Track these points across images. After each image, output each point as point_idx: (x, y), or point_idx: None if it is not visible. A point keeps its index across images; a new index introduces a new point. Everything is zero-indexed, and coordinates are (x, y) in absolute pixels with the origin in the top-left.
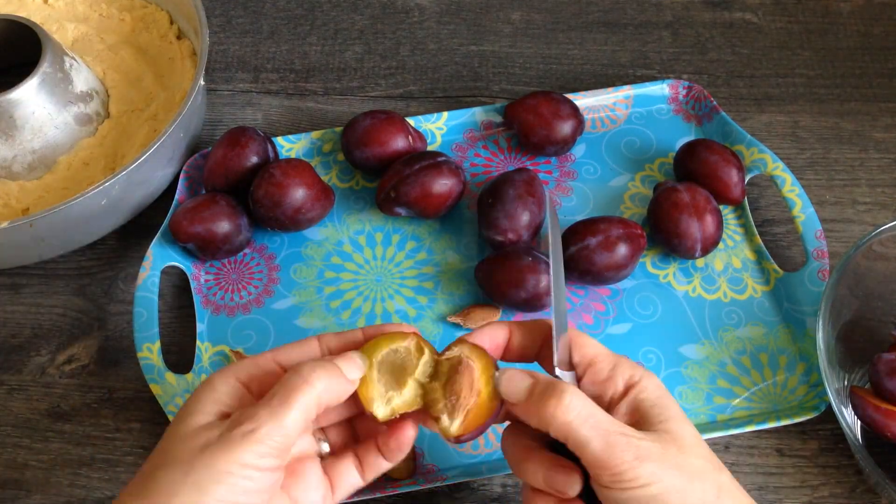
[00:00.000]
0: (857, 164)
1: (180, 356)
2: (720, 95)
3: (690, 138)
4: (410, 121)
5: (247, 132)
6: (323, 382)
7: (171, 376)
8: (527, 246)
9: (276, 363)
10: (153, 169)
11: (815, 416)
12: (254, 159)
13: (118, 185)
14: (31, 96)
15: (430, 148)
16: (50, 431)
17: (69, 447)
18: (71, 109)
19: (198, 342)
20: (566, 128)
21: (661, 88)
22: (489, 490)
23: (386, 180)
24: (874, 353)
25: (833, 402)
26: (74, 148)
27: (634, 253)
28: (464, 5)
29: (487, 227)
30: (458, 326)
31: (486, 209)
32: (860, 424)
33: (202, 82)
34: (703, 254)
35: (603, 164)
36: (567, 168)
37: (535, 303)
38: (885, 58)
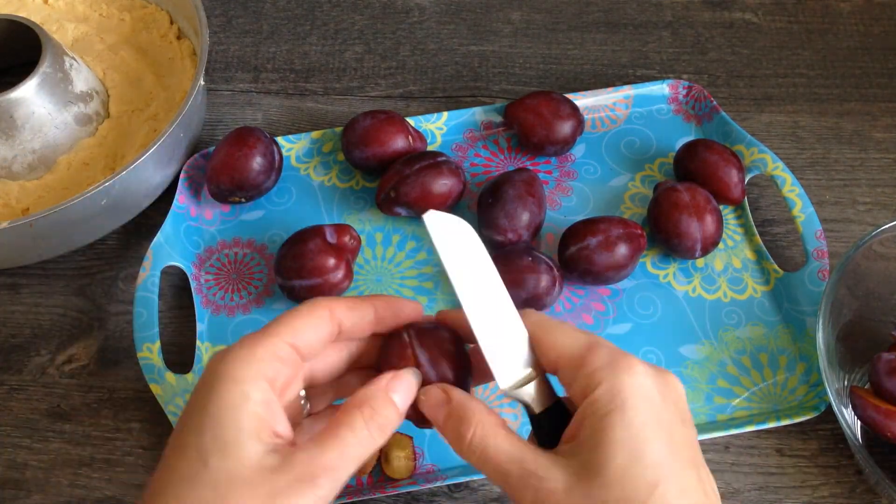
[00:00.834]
0: (857, 164)
1: (180, 356)
2: (720, 95)
3: (690, 138)
4: (410, 121)
5: (253, 132)
6: (391, 433)
7: (171, 376)
8: (527, 246)
9: (294, 348)
10: (153, 169)
11: (815, 416)
12: (259, 160)
13: (118, 185)
14: (30, 96)
15: (430, 148)
16: (50, 431)
17: (69, 447)
18: (71, 109)
19: (198, 342)
20: (566, 128)
21: (661, 88)
22: (489, 490)
23: (386, 180)
24: (874, 353)
25: (833, 402)
26: (74, 148)
27: (634, 253)
28: (464, 5)
29: (487, 227)
30: None
31: (486, 209)
32: (860, 424)
33: (202, 82)
34: (703, 254)
35: (603, 164)
36: (567, 168)
37: (534, 303)
38: (885, 58)
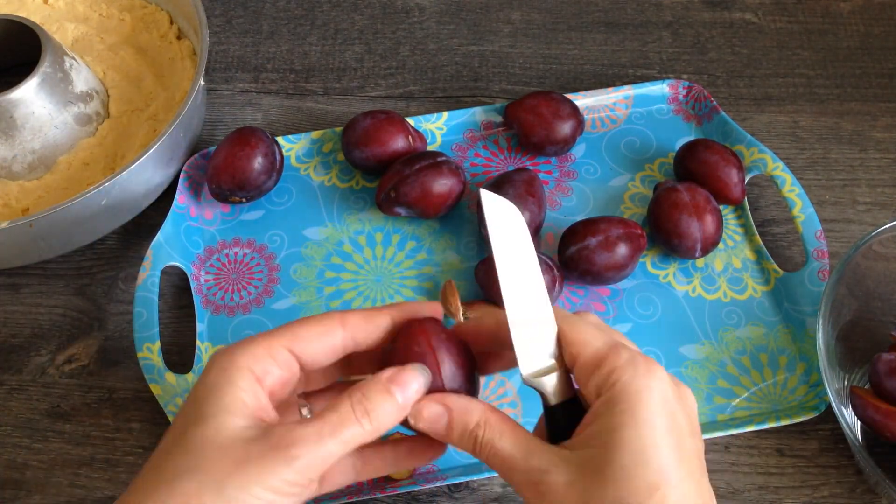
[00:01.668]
0: (857, 164)
1: (180, 356)
2: (720, 95)
3: (690, 138)
4: (410, 121)
5: (255, 133)
6: (384, 425)
7: (171, 376)
8: None
9: (293, 354)
10: (153, 169)
11: (815, 416)
12: (260, 160)
13: (118, 185)
14: (30, 96)
15: (430, 148)
16: (50, 431)
17: (69, 447)
18: (71, 109)
19: (198, 342)
20: (566, 128)
21: (661, 88)
22: (489, 490)
23: (386, 180)
24: (874, 353)
25: (833, 402)
26: (74, 148)
27: (634, 253)
28: (464, 5)
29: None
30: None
31: None
32: (860, 424)
33: (202, 82)
34: (703, 254)
35: (603, 164)
36: (567, 168)
37: None
38: (885, 58)
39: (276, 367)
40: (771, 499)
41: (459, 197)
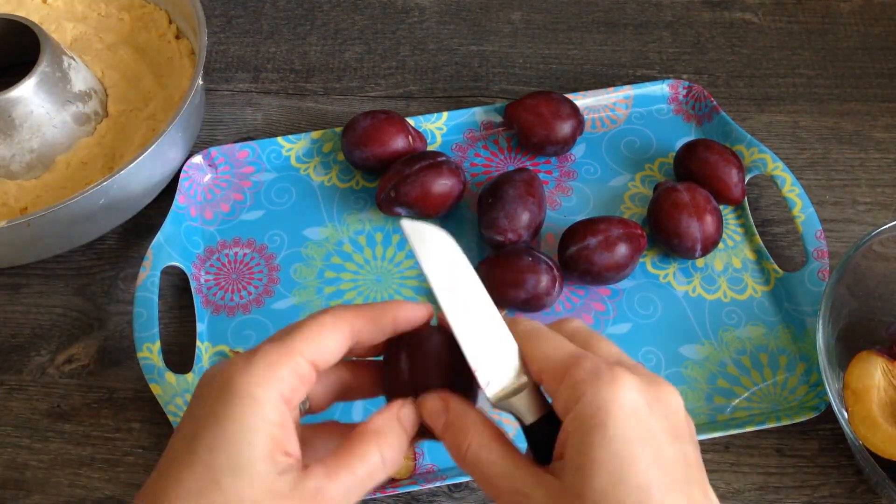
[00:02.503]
0: (857, 164)
1: (180, 356)
2: (720, 95)
3: (690, 138)
4: (410, 121)
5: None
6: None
7: (171, 376)
8: (527, 246)
9: (312, 364)
10: (152, 168)
11: (815, 416)
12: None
13: (116, 184)
14: (29, 95)
15: (430, 148)
16: (50, 431)
17: (69, 447)
18: (69, 109)
19: (198, 342)
20: (566, 128)
21: (661, 88)
22: None
23: (386, 180)
24: None
25: (833, 402)
26: (73, 147)
27: (634, 253)
28: (464, 5)
29: (487, 227)
30: None
31: (486, 209)
32: None
33: (201, 82)
34: (703, 254)
35: (603, 164)
36: (567, 168)
37: (535, 303)
38: (885, 58)
39: (302, 384)
40: (771, 499)
41: (460, 196)
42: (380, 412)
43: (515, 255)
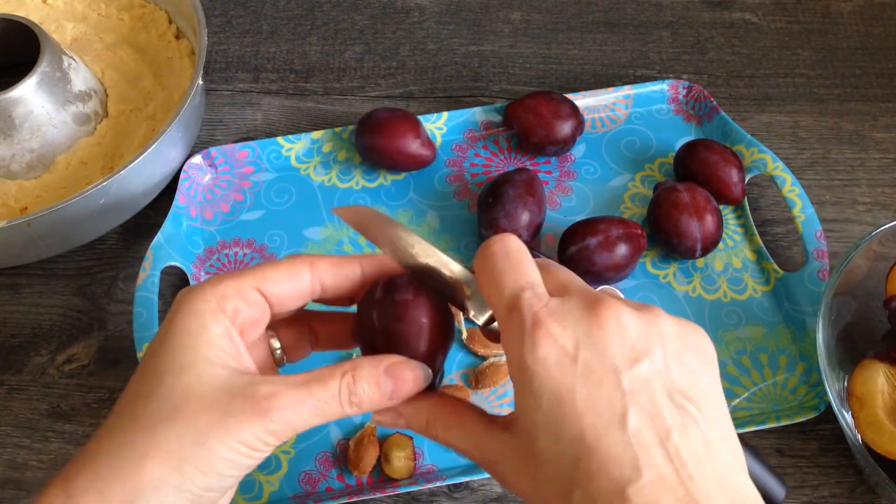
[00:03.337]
0: (857, 164)
1: None
2: (720, 95)
3: (690, 138)
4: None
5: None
6: (366, 411)
7: None
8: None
9: (261, 293)
10: (151, 168)
11: (815, 416)
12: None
13: (116, 184)
14: (29, 95)
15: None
16: (50, 431)
17: (69, 447)
18: (69, 109)
19: None
20: (566, 128)
21: (661, 88)
22: (489, 490)
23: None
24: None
25: (833, 403)
26: (73, 147)
27: (634, 253)
28: (464, 5)
29: (487, 227)
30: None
31: (486, 209)
32: None
33: (200, 82)
34: (703, 254)
35: (603, 164)
36: (567, 168)
37: None
38: (885, 58)
39: (247, 306)
40: None
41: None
42: (372, 357)
43: None
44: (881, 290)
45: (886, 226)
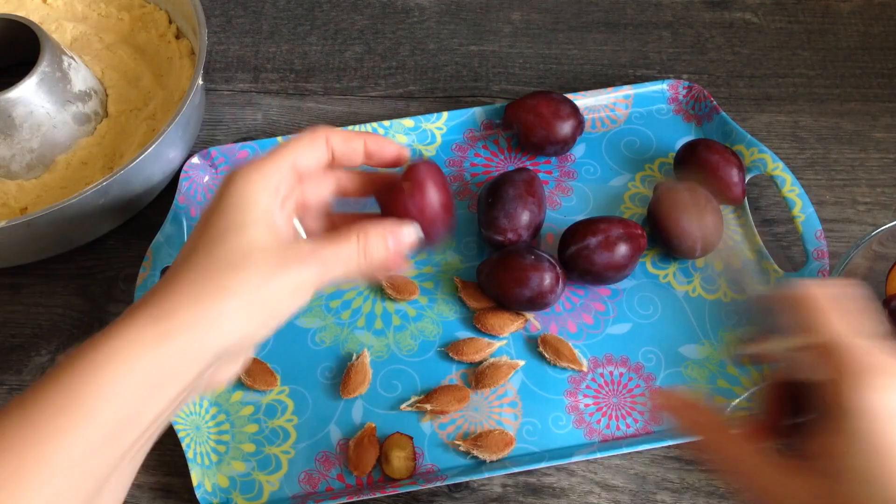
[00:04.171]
0: (857, 164)
1: None
2: (720, 95)
3: (690, 138)
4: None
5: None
6: (376, 263)
7: None
8: (527, 245)
9: (293, 168)
10: (151, 168)
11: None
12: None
13: (116, 184)
14: (29, 95)
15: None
16: None
17: None
18: (69, 109)
19: None
20: (566, 128)
21: (661, 88)
22: (489, 490)
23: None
24: None
25: None
26: (73, 147)
27: (634, 253)
28: (464, 5)
29: (487, 227)
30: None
31: (486, 209)
32: None
33: (200, 82)
34: (703, 254)
35: (603, 164)
36: (567, 168)
37: (539, 301)
38: (885, 58)
39: (285, 179)
40: None
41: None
42: (375, 220)
43: (518, 255)
44: (881, 290)
45: (886, 226)
